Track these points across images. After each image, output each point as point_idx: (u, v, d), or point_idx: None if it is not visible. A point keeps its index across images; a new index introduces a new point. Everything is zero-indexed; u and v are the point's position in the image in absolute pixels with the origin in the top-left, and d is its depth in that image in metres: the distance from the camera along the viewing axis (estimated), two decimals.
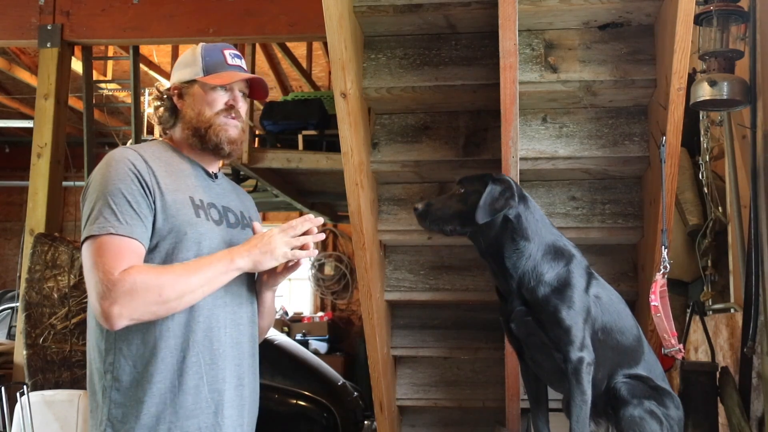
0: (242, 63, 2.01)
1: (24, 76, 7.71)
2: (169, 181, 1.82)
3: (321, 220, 1.93)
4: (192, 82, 1.94)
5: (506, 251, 2.19)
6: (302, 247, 1.86)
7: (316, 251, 1.92)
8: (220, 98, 1.93)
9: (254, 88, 2.04)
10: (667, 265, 2.40)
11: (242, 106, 1.98)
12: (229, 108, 1.94)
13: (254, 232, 1.89)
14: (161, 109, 1.97)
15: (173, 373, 1.75)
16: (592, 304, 2.17)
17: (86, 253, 1.72)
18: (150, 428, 1.72)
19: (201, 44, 2.00)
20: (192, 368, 1.77)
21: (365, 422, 5.53)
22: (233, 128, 1.94)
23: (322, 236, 1.95)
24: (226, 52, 1.98)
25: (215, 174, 2.00)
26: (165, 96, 1.98)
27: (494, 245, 2.21)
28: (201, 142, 1.93)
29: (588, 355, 2.11)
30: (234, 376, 1.85)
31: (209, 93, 1.93)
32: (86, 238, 1.72)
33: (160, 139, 2.03)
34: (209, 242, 1.83)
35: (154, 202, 1.77)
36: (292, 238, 1.85)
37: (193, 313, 1.78)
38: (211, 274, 1.75)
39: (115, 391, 1.74)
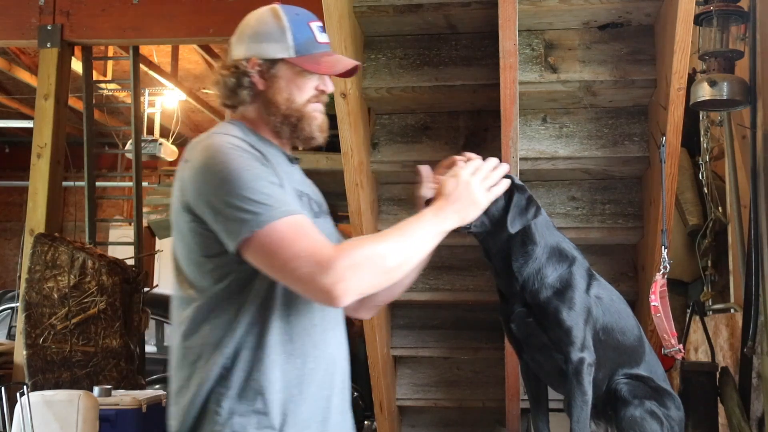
0: (328, 38, 1.75)
1: (24, 76, 7.70)
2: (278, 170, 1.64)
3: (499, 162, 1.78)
4: (277, 60, 1.67)
5: (514, 254, 2.15)
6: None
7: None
8: (311, 83, 1.70)
9: None
10: (667, 265, 2.39)
11: None
12: (321, 94, 1.72)
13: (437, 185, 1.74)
14: (232, 81, 1.68)
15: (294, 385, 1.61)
16: (593, 304, 2.17)
17: (265, 244, 1.49)
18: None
19: (280, 9, 1.70)
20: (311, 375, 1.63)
21: (365, 422, 5.53)
22: (320, 114, 1.73)
23: (507, 167, 1.82)
24: (314, 26, 1.71)
25: (295, 158, 1.77)
26: (239, 69, 1.68)
27: (504, 248, 2.18)
28: (292, 131, 1.71)
29: (589, 356, 2.11)
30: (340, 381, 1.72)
31: (300, 77, 1.68)
32: (251, 234, 1.49)
33: (231, 120, 1.74)
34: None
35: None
36: (485, 180, 1.71)
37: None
38: (423, 236, 1.64)
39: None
